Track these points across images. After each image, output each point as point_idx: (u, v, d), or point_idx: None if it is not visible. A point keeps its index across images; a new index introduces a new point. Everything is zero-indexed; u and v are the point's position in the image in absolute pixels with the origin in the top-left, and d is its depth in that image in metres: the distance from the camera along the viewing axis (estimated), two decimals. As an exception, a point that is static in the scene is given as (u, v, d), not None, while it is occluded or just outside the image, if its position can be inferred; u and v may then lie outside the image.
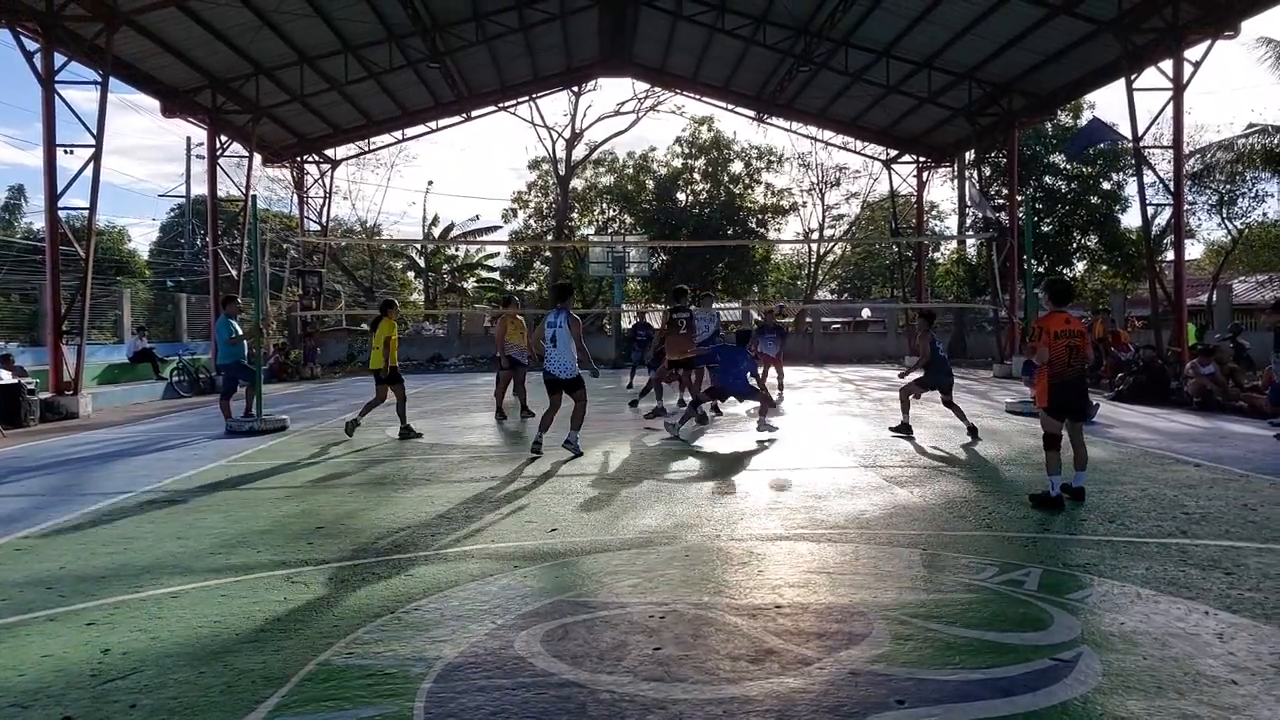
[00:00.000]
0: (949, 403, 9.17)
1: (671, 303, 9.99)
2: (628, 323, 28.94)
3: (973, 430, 8.91)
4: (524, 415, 11.42)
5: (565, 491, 6.47)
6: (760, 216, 33.74)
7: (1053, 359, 5.65)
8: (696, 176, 33.66)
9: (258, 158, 21.95)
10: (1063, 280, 6.27)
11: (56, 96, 13.26)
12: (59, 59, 13.37)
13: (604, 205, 34.75)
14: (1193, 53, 14.63)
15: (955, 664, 3.10)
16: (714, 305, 15.38)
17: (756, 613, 3.67)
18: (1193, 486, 6.33)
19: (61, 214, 13.84)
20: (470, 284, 39.21)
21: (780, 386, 13.83)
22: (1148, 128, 15.30)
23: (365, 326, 31.32)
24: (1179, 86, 14.64)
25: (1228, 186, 21.93)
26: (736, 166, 33.65)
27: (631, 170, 34.34)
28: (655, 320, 26.27)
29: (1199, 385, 12.01)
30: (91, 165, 13.58)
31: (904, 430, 9.23)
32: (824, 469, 7.40)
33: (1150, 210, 16.58)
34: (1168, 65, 14.82)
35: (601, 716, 2.72)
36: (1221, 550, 4.58)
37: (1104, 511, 5.52)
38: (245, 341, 10.91)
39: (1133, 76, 15.01)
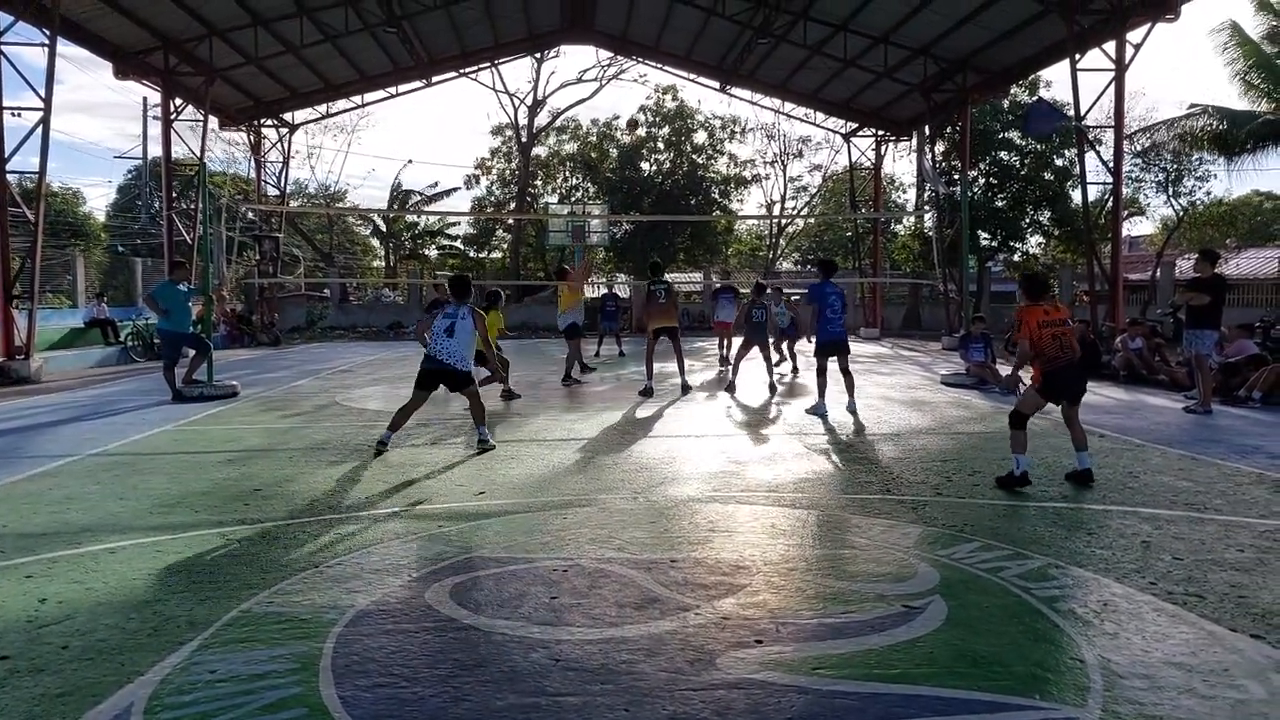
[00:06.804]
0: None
1: (650, 277, 10.94)
2: (591, 292, 29.08)
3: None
4: (583, 369, 12.81)
5: (500, 457, 6.77)
6: (723, 187, 33.93)
7: (1041, 349, 5.60)
8: (660, 145, 33.70)
9: (213, 121, 21.69)
10: (1036, 275, 6.23)
11: (3, 58, 13.06)
12: (4, 18, 13.15)
13: (567, 173, 34.71)
14: (1135, 35, 15.09)
15: (817, 610, 3.48)
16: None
17: (651, 566, 4.02)
18: (1091, 456, 6.77)
19: (11, 177, 13.68)
20: (432, 251, 38.95)
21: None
22: (1090, 107, 15.77)
23: (327, 293, 31.21)
24: (1121, 67, 15.10)
25: (1174, 165, 22.54)
26: (700, 136, 33.75)
27: (595, 138, 34.27)
28: (621, 291, 26.50)
29: (1126, 359, 12.58)
30: (40, 128, 13.42)
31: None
32: (751, 437, 7.78)
33: (1096, 189, 17.10)
34: (1111, 47, 15.26)
35: (490, 654, 3.05)
36: (1093, 514, 5.01)
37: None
38: (192, 309, 10.87)
39: (1077, 57, 15.44)
